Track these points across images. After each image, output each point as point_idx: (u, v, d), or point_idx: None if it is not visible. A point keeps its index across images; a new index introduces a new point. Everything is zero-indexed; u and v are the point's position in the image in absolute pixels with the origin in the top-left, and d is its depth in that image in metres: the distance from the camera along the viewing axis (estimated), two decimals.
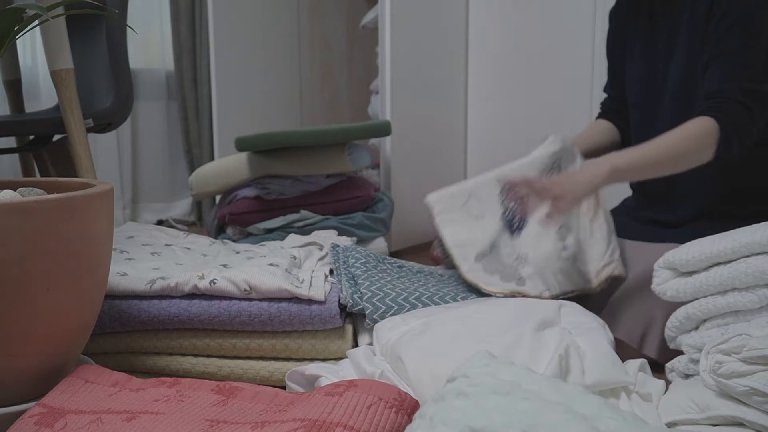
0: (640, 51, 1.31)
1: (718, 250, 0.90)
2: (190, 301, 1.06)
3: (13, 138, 1.84)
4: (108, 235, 0.89)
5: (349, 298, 1.08)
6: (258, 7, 2.38)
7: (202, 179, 1.80)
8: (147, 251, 1.32)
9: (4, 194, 0.86)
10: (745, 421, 0.71)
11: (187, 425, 0.71)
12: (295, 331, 1.05)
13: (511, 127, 2.18)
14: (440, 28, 2.16)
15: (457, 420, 0.60)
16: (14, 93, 1.84)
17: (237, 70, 2.31)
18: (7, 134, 1.47)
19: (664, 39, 1.26)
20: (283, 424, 0.68)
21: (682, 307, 0.96)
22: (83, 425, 0.71)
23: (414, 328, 0.94)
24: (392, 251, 2.04)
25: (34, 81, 2.32)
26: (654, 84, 1.28)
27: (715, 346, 0.76)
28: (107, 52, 1.62)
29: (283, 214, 1.72)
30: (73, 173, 1.45)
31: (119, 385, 0.80)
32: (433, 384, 0.80)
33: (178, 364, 1.06)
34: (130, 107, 1.67)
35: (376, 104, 2.27)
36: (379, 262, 1.25)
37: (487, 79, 2.23)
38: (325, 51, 2.70)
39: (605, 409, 0.59)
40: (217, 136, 2.29)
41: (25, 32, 0.96)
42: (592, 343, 0.89)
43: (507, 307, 1.00)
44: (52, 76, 1.37)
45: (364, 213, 1.77)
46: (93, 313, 0.89)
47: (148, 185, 2.67)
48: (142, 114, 2.62)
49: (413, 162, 2.12)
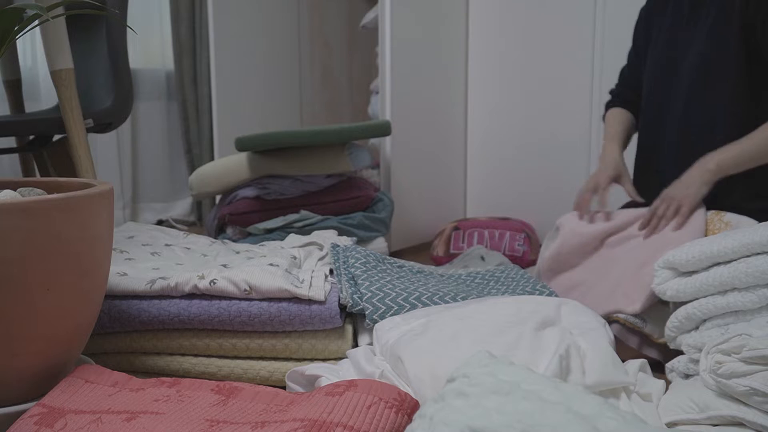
0: (664, 31, 1.35)
1: (718, 250, 0.90)
2: (190, 301, 1.06)
3: (13, 138, 1.84)
4: (108, 235, 0.88)
5: (349, 298, 1.08)
6: (258, 7, 2.38)
7: (202, 179, 1.80)
8: (147, 251, 1.31)
9: (4, 194, 0.86)
10: (745, 421, 0.71)
11: (187, 425, 0.71)
12: (295, 331, 1.05)
13: (511, 126, 2.18)
14: (440, 28, 2.16)
15: (457, 420, 0.60)
16: (14, 93, 1.84)
17: (237, 70, 2.31)
18: (7, 134, 1.47)
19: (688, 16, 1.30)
20: (283, 424, 0.68)
21: (682, 306, 0.96)
22: (83, 425, 0.71)
23: (414, 328, 0.94)
24: (392, 251, 2.04)
25: (34, 81, 2.32)
26: (672, 65, 1.32)
27: (715, 346, 0.76)
28: (107, 52, 1.62)
29: (283, 214, 1.72)
30: (73, 173, 1.45)
31: (119, 385, 0.80)
32: (433, 384, 0.80)
33: (178, 364, 1.06)
34: (130, 107, 1.67)
35: (376, 104, 2.27)
36: (379, 262, 1.25)
37: (487, 78, 2.23)
38: (325, 51, 2.70)
39: (605, 409, 0.59)
40: (217, 136, 2.29)
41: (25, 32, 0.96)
42: (592, 343, 0.89)
43: (507, 307, 1.00)
44: (52, 76, 1.37)
45: (364, 213, 1.77)
46: (93, 313, 0.89)
47: (148, 185, 2.67)
48: (142, 114, 2.62)
49: (413, 162, 2.12)
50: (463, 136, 2.31)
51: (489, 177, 2.27)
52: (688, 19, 1.30)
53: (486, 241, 1.91)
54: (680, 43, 1.31)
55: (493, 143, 2.24)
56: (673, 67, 1.32)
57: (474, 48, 2.26)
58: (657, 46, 1.37)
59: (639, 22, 1.46)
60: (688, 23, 1.30)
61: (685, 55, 1.29)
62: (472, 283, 1.29)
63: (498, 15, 2.17)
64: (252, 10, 2.35)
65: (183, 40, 2.56)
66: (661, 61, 1.35)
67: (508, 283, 1.26)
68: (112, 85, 1.62)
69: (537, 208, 2.12)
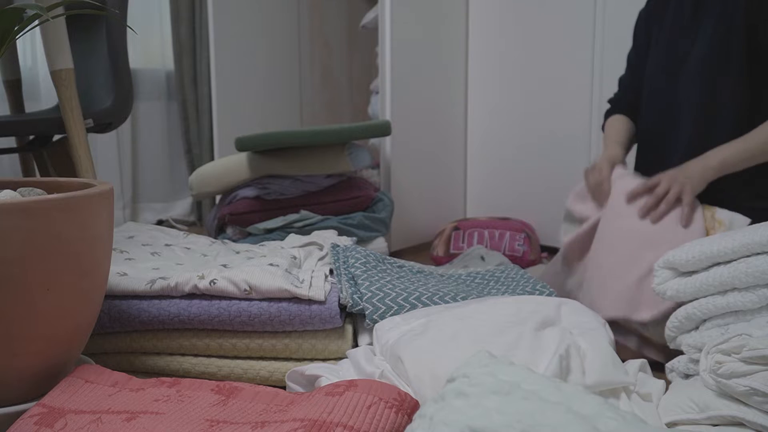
0: (666, 31, 1.35)
1: (718, 250, 0.90)
2: (190, 301, 1.06)
3: (13, 138, 1.84)
4: (108, 235, 0.88)
5: (349, 298, 1.08)
6: (258, 7, 2.38)
7: (202, 179, 1.80)
8: (147, 251, 1.31)
9: (4, 194, 0.86)
10: (745, 421, 0.71)
11: (187, 425, 0.71)
12: (295, 331, 1.05)
13: (511, 126, 2.18)
14: (440, 28, 2.16)
15: (457, 420, 0.60)
16: (14, 93, 1.84)
17: (237, 70, 2.31)
18: (7, 134, 1.47)
19: (690, 15, 1.29)
20: (283, 424, 0.68)
21: (682, 306, 0.96)
22: (83, 425, 0.71)
23: (414, 328, 0.94)
24: (392, 251, 2.04)
25: (34, 81, 2.32)
26: (675, 64, 1.31)
27: (715, 346, 0.76)
28: (107, 52, 1.62)
29: (283, 214, 1.72)
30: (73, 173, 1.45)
31: (119, 385, 0.80)
32: (433, 384, 0.80)
33: (178, 364, 1.06)
34: (130, 107, 1.67)
35: (376, 104, 2.27)
36: (379, 262, 1.25)
37: (487, 78, 2.23)
38: (325, 51, 2.70)
39: (605, 409, 0.59)
40: (217, 136, 2.29)
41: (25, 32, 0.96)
42: (592, 343, 0.89)
43: (507, 307, 1.00)
44: (52, 76, 1.37)
45: (364, 213, 1.77)
46: (93, 313, 0.89)
47: (148, 185, 2.67)
48: (142, 114, 2.62)
49: (413, 162, 2.12)
50: (463, 136, 2.31)
51: (489, 177, 2.27)
52: (690, 19, 1.30)
53: (486, 241, 1.91)
54: (682, 43, 1.31)
55: (493, 143, 2.24)
56: (674, 68, 1.32)
57: (474, 48, 2.26)
58: (658, 47, 1.37)
59: (639, 22, 1.46)
60: (690, 23, 1.30)
61: (687, 55, 1.29)
62: (472, 283, 1.29)
63: (498, 15, 2.17)
64: (252, 10, 2.35)
65: (183, 40, 2.56)
66: (662, 61, 1.35)
67: (508, 283, 1.26)
68: (112, 85, 1.62)
69: (537, 208, 2.13)
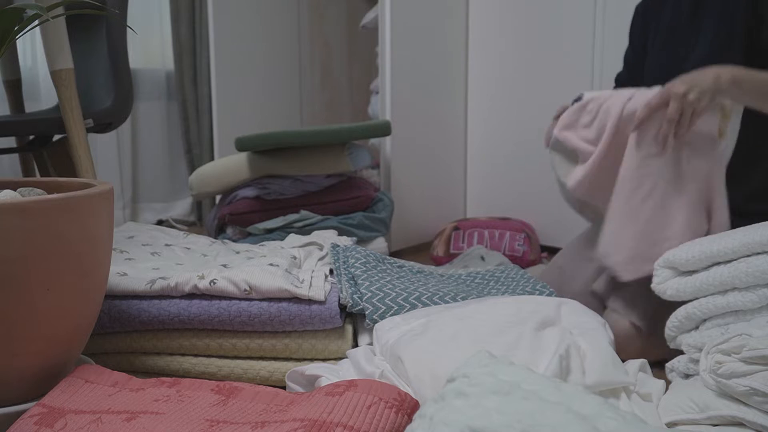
0: (664, 30, 1.34)
1: (718, 250, 0.90)
2: (190, 301, 1.06)
3: (13, 138, 1.84)
4: (108, 235, 0.89)
5: (349, 298, 1.08)
6: (258, 7, 2.38)
7: (202, 179, 1.80)
8: (147, 251, 1.31)
9: (4, 194, 0.86)
10: (745, 421, 0.71)
11: (187, 425, 0.71)
12: (295, 331, 1.05)
13: (511, 126, 2.18)
14: (440, 28, 2.16)
15: (457, 420, 0.60)
16: (14, 93, 1.84)
17: (237, 71, 2.31)
18: (7, 134, 1.47)
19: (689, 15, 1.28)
20: (283, 424, 0.68)
21: (682, 306, 0.96)
22: (83, 425, 0.71)
23: (414, 328, 0.94)
24: (392, 251, 2.04)
25: (34, 81, 2.32)
26: (675, 63, 1.30)
27: (715, 346, 0.76)
28: (107, 52, 1.62)
29: (283, 214, 1.72)
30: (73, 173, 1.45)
31: (119, 385, 0.80)
32: (433, 384, 0.80)
33: (178, 364, 1.06)
34: (130, 107, 1.67)
35: (376, 104, 2.27)
36: (379, 262, 1.25)
37: (487, 78, 2.23)
38: (325, 51, 2.70)
39: (605, 409, 0.59)
40: (217, 136, 2.29)
41: (25, 32, 0.96)
42: (592, 343, 0.89)
43: (507, 307, 1.00)
44: (52, 76, 1.37)
45: (364, 213, 1.77)
46: (93, 313, 0.89)
47: (148, 185, 2.67)
48: (142, 114, 2.62)
49: (413, 162, 2.12)
50: (463, 136, 2.31)
51: (489, 177, 2.27)
52: (689, 17, 1.29)
53: (486, 241, 1.91)
54: (681, 42, 1.30)
55: (493, 143, 2.24)
56: (674, 66, 1.32)
57: (474, 48, 2.26)
58: (656, 45, 1.36)
59: (635, 18, 1.44)
60: (689, 21, 1.29)
61: (687, 54, 1.29)
62: (472, 283, 1.29)
63: (498, 15, 2.17)
64: (252, 10, 2.35)
65: (183, 40, 2.56)
66: (661, 59, 1.34)
67: (508, 283, 1.26)
68: (112, 85, 1.62)
69: (537, 208, 2.13)
